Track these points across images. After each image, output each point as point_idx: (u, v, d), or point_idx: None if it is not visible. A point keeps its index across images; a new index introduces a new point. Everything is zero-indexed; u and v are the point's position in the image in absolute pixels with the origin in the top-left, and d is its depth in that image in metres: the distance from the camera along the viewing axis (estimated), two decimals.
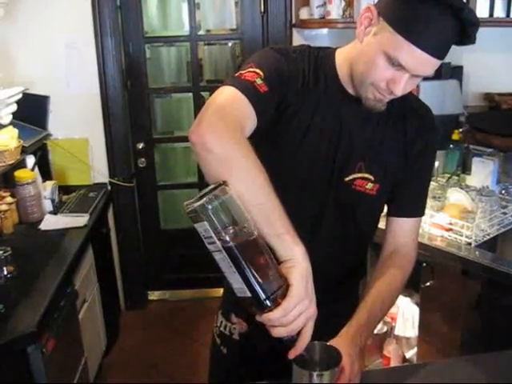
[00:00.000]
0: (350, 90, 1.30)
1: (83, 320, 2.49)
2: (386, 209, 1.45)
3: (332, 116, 1.31)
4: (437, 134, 1.40)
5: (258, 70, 1.20)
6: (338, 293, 1.45)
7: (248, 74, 1.19)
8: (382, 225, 1.48)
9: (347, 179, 1.33)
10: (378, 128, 1.33)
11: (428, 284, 2.18)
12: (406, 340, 2.51)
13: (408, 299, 2.48)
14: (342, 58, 1.32)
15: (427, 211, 2.24)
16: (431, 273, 2.16)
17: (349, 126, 1.31)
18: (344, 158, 1.32)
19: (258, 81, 1.18)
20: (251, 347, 1.50)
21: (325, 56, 1.34)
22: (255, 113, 1.14)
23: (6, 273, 2.10)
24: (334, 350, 1.08)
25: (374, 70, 1.18)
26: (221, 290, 1.63)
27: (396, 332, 2.49)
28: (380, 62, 1.17)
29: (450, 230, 2.19)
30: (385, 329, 2.58)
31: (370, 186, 1.33)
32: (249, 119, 1.13)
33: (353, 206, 1.36)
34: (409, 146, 1.35)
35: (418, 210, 1.43)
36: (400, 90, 1.18)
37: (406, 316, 2.45)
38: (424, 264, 2.17)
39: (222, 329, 1.57)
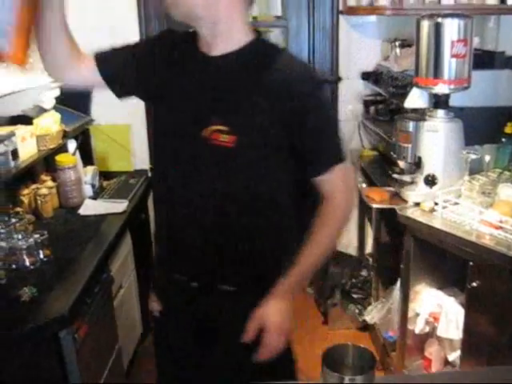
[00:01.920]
0: (205, 48, 1.40)
1: (118, 307, 2.47)
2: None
3: (187, 75, 1.42)
4: (312, 91, 1.39)
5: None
6: (242, 268, 1.47)
7: None
8: None
9: (204, 134, 1.36)
10: (233, 82, 1.38)
11: (474, 284, 2.06)
12: (449, 342, 2.40)
13: (452, 299, 2.37)
14: None
15: (476, 207, 2.14)
16: (478, 272, 2.05)
17: (201, 81, 1.40)
18: (199, 112, 1.38)
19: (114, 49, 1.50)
20: (167, 326, 1.62)
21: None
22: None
23: (42, 256, 2.10)
24: (367, 353, 1.01)
25: None
26: None
27: (438, 333, 2.38)
28: None
29: (500, 227, 2.07)
30: (427, 329, 2.47)
31: (225, 137, 1.35)
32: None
33: (215, 161, 1.39)
34: (273, 100, 1.34)
35: (325, 164, 1.43)
36: None
37: (450, 317, 2.34)
38: (471, 263, 2.06)
39: (150, 307, 1.66)
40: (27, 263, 2.05)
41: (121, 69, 1.49)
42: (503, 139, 2.52)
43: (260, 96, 1.35)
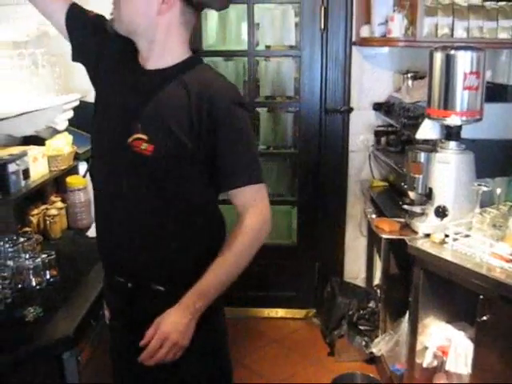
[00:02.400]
0: (141, 61, 1.53)
1: None
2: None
3: (122, 82, 1.54)
4: (229, 108, 1.46)
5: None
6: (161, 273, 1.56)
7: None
8: None
9: (128, 141, 1.46)
10: (159, 95, 1.48)
11: (484, 318, 2.03)
12: (457, 376, 2.35)
13: (462, 333, 2.33)
14: None
15: (486, 240, 2.12)
16: (488, 306, 2.01)
17: (132, 90, 1.51)
18: (126, 119, 1.48)
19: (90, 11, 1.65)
20: (113, 334, 1.75)
21: None
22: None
23: (48, 277, 2.09)
24: (376, 382, 0.99)
25: None
26: (262, 311, 1.68)
27: (447, 367, 2.34)
28: None
29: (511, 261, 2.05)
30: (435, 363, 2.43)
31: (144, 146, 1.45)
32: None
33: (135, 167, 1.48)
34: (194, 115, 1.44)
35: (237, 180, 1.50)
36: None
37: (459, 351, 2.30)
38: (481, 296, 2.03)
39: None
40: (33, 283, 2.03)
41: (85, 36, 1.62)
42: None
43: (181, 109, 1.45)
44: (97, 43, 1.60)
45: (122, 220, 1.56)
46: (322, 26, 3.32)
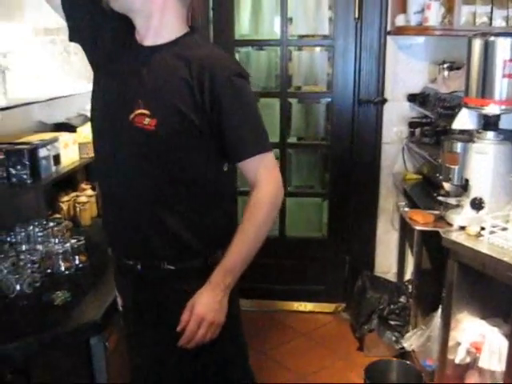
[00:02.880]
0: (139, 38, 1.52)
1: None
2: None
3: (121, 60, 1.54)
4: (231, 78, 1.45)
5: None
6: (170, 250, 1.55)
7: None
8: None
9: (130, 117, 1.46)
10: (158, 69, 1.47)
11: None
12: (490, 374, 2.28)
13: (496, 329, 2.26)
14: None
15: None
16: None
17: (131, 67, 1.50)
18: (126, 96, 1.48)
19: None
20: (126, 321, 1.73)
21: None
22: None
23: (77, 262, 2.09)
24: (414, 370, 0.95)
25: None
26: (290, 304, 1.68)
27: (480, 364, 2.27)
28: None
29: None
30: (468, 359, 2.36)
31: (147, 120, 1.44)
32: None
33: (139, 143, 1.47)
34: (195, 88, 1.42)
35: (246, 150, 1.48)
36: None
37: (493, 348, 2.23)
38: None
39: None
40: (62, 268, 2.04)
41: (81, 16, 1.59)
42: None
43: (182, 83, 1.44)
44: (92, 22, 1.58)
45: (128, 199, 1.55)
46: (357, 16, 3.26)
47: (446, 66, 3.02)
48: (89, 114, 2.77)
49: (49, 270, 2.02)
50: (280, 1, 3.30)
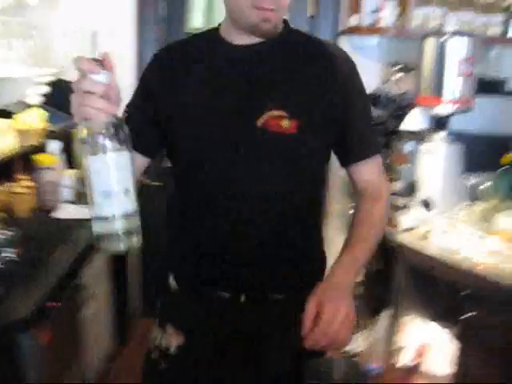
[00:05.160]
0: (238, 40, 1.27)
1: (88, 317, 2.32)
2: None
3: (217, 72, 1.29)
4: (355, 71, 1.33)
5: None
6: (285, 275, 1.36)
7: None
8: None
9: (259, 124, 1.23)
10: (282, 67, 1.28)
11: (468, 315, 1.94)
12: (435, 377, 2.27)
13: (443, 332, 2.25)
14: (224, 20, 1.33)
15: (472, 235, 2.04)
16: (473, 303, 1.93)
17: (244, 72, 1.27)
18: (248, 103, 1.25)
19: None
20: (191, 362, 1.41)
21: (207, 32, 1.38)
22: None
23: (9, 255, 1.96)
24: (359, 367, 0.89)
25: None
26: None
27: (426, 367, 2.26)
28: None
29: (497, 256, 1.97)
30: (413, 362, 2.35)
31: (286, 123, 1.23)
32: None
33: (276, 151, 1.26)
34: (327, 84, 1.27)
35: (369, 149, 1.36)
36: None
37: (439, 350, 2.22)
38: (463, 293, 1.94)
39: (157, 342, 1.45)
40: None
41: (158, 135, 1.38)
42: (502, 168, 2.43)
43: (312, 78, 1.28)
44: (157, 131, 1.36)
45: (249, 227, 1.30)
46: (312, 15, 3.22)
47: (398, 67, 3.01)
48: (28, 101, 2.68)
49: None
50: None
